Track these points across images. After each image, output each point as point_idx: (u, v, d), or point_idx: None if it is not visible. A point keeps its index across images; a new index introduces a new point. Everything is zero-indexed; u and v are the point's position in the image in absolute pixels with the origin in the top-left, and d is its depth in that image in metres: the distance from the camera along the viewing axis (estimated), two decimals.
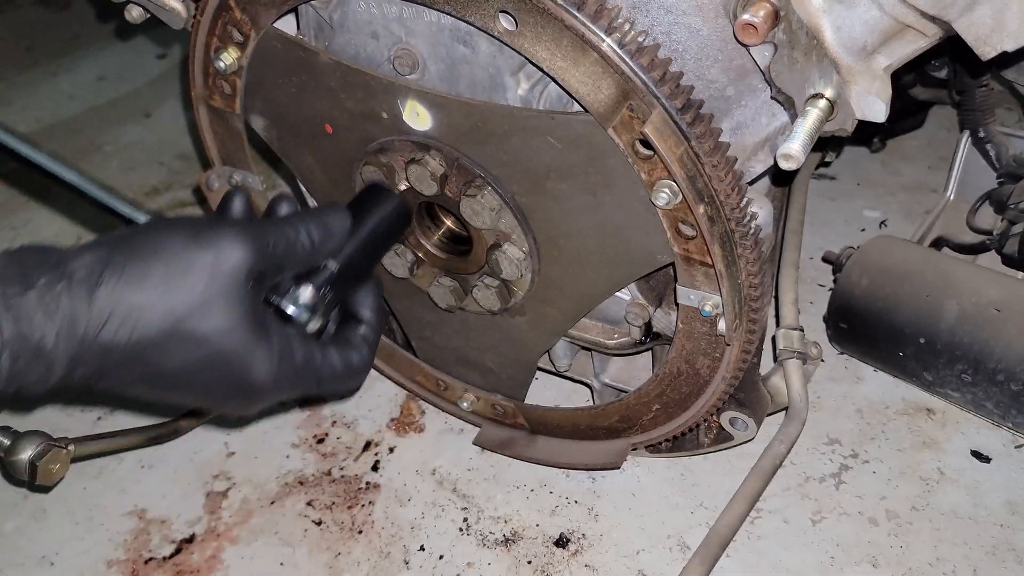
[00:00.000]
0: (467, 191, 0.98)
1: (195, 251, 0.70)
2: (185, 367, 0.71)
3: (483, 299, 1.08)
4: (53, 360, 0.64)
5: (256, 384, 0.75)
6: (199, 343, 0.70)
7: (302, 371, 0.79)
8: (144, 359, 0.69)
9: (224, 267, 0.71)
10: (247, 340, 0.73)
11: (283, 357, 0.76)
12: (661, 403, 1.11)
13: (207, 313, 0.70)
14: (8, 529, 1.32)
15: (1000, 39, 0.81)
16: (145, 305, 0.67)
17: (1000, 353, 1.16)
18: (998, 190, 1.45)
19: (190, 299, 0.69)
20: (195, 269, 0.70)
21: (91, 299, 0.65)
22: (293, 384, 0.78)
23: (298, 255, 0.80)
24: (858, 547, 1.20)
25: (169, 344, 0.69)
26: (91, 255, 0.68)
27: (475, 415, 1.34)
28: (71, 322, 0.65)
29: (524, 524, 1.27)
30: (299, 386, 0.79)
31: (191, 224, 0.73)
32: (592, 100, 0.83)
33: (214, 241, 0.71)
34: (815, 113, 0.83)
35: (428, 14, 0.91)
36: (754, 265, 0.89)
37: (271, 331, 0.75)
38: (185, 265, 0.69)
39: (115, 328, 0.66)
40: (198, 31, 1.03)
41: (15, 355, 0.63)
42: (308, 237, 0.80)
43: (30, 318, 0.63)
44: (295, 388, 0.79)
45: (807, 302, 1.57)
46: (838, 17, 0.81)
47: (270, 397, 0.78)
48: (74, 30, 2.69)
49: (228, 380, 0.74)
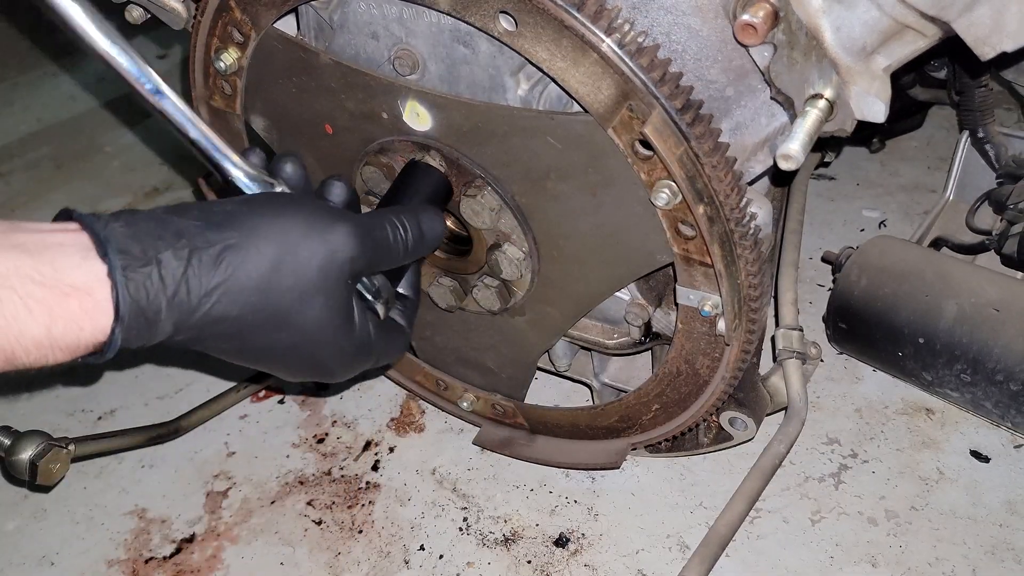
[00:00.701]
0: (467, 191, 0.98)
1: (309, 240, 0.72)
2: (276, 347, 0.74)
3: (483, 299, 1.09)
4: (160, 329, 0.66)
5: (335, 366, 0.80)
6: (293, 330, 0.73)
7: (371, 353, 0.82)
8: (241, 335, 0.71)
9: (334, 262, 0.73)
10: (339, 331, 0.76)
11: (362, 345, 0.80)
12: (661, 403, 1.11)
13: (309, 304, 0.73)
14: (8, 529, 1.32)
15: (999, 39, 0.81)
16: (253, 288, 0.69)
17: (999, 353, 1.16)
18: (997, 190, 1.45)
19: (297, 287, 0.71)
20: (307, 259, 0.72)
21: (208, 277, 0.67)
22: (362, 364, 0.83)
23: (393, 257, 0.82)
24: (857, 547, 1.20)
25: (266, 326, 0.72)
26: (212, 234, 0.68)
27: (475, 415, 1.34)
28: (186, 295, 0.66)
29: (524, 524, 1.27)
30: (361, 365, 0.83)
31: (306, 209, 0.74)
32: (592, 100, 0.83)
33: (327, 233, 0.73)
34: (814, 113, 0.83)
35: (428, 15, 0.91)
36: (753, 265, 0.89)
37: (355, 321, 0.79)
38: (298, 254, 0.71)
39: (224, 305, 0.69)
40: (198, 31, 1.03)
41: (129, 327, 0.64)
42: (404, 242, 0.83)
43: (148, 292, 0.64)
44: (357, 367, 0.83)
45: (806, 302, 1.57)
46: (837, 18, 0.81)
47: (337, 376, 0.82)
48: None
49: (311, 361, 0.77)
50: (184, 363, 1.57)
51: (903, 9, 0.80)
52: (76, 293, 0.62)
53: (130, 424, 1.38)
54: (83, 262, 0.63)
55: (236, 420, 1.47)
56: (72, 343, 0.63)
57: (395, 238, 0.81)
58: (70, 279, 0.62)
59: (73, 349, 0.63)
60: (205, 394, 1.47)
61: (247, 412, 1.48)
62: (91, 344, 0.64)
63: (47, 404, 1.52)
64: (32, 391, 1.54)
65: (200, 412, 1.43)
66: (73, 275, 0.62)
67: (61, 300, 0.61)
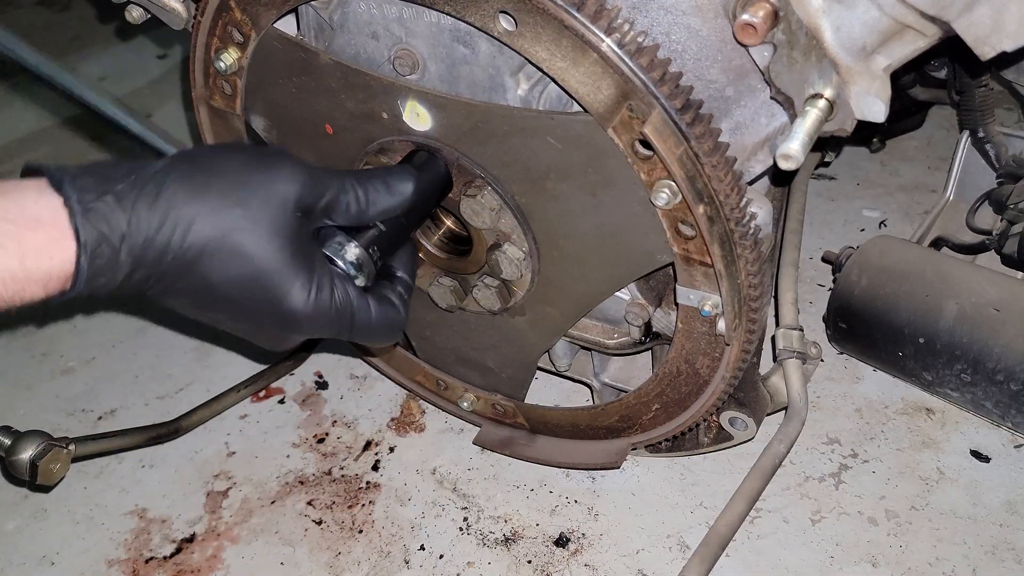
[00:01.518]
0: (467, 191, 0.98)
1: (252, 172, 0.76)
2: (228, 280, 0.75)
3: (483, 299, 1.09)
4: (119, 260, 0.70)
5: (292, 309, 0.79)
6: (243, 258, 0.75)
7: (339, 309, 0.82)
8: (192, 267, 0.74)
9: (276, 190, 0.76)
10: (288, 263, 0.77)
11: (320, 289, 0.80)
12: (661, 403, 1.11)
13: (254, 230, 0.75)
14: (9, 529, 1.33)
15: (999, 39, 0.81)
16: (199, 214, 0.73)
17: (999, 353, 1.16)
18: (997, 190, 1.45)
19: (240, 215, 0.74)
20: (249, 188, 0.75)
21: (154, 204, 0.71)
22: (328, 319, 0.82)
23: (348, 208, 0.84)
24: (857, 547, 1.20)
25: (216, 254, 0.74)
26: (160, 166, 0.73)
27: (475, 415, 1.34)
28: (136, 224, 0.70)
29: (524, 523, 1.27)
30: (334, 323, 0.83)
31: (253, 150, 0.79)
32: (592, 100, 0.83)
33: (272, 167, 0.77)
34: (814, 113, 0.83)
35: (428, 15, 0.91)
36: (753, 265, 0.89)
37: (314, 263, 0.80)
38: (241, 183, 0.75)
39: (170, 231, 0.72)
40: (198, 32, 1.03)
41: (93, 255, 0.68)
42: (361, 196, 0.85)
43: (107, 221, 0.69)
44: (329, 324, 0.83)
45: (807, 302, 1.57)
46: (837, 17, 0.81)
47: (305, 327, 0.82)
48: (75, 31, 2.69)
49: (266, 299, 0.78)
50: (184, 363, 1.57)
51: (903, 9, 0.80)
52: (42, 225, 0.67)
53: (130, 424, 1.38)
54: (40, 198, 0.68)
55: (236, 420, 1.47)
56: (44, 274, 0.67)
57: (350, 185, 0.84)
58: (34, 213, 0.67)
59: (45, 281, 0.67)
60: (205, 394, 1.47)
61: (247, 412, 1.48)
62: (61, 275, 0.68)
63: (47, 404, 1.52)
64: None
65: (200, 412, 1.43)
66: (35, 210, 0.67)
67: (29, 232, 0.66)
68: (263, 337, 0.84)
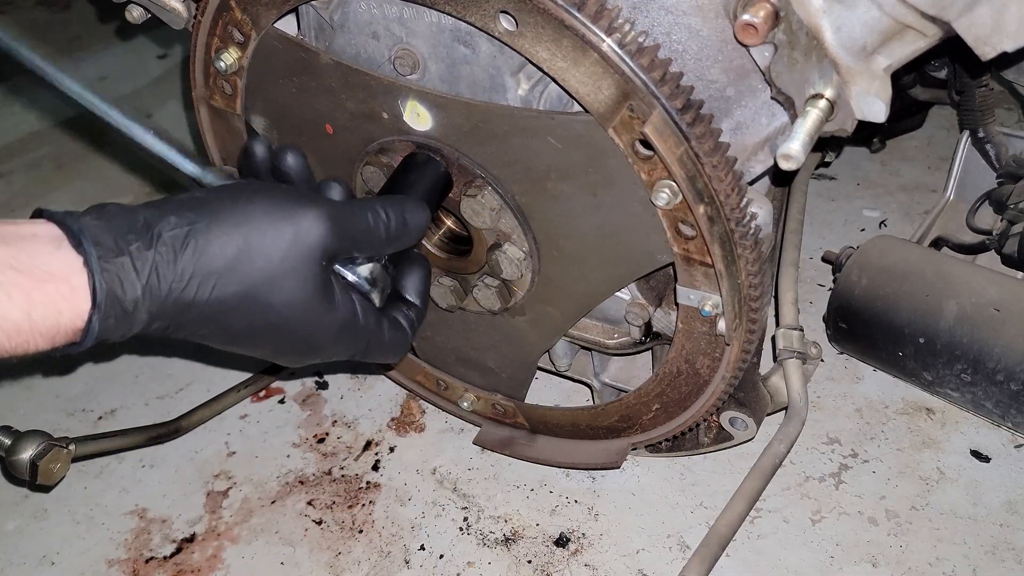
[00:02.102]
0: (467, 191, 0.98)
1: (277, 223, 0.74)
2: (254, 329, 0.75)
3: (483, 299, 1.09)
4: (136, 318, 0.69)
5: (320, 344, 0.80)
6: (268, 310, 0.74)
7: (359, 335, 0.83)
8: (217, 319, 0.73)
9: (302, 243, 0.74)
10: (313, 311, 0.77)
11: (344, 325, 0.80)
12: (661, 403, 1.11)
13: (280, 285, 0.74)
14: (9, 528, 1.33)
15: (1000, 39, 0.81)
16: (224, 270, 0.71)
17: (999, 353, 1.16)
18: (998, 190, 1.45)
19: (266, 269, 0.73)
20: (274, 241, 0.73)
21: (176, 262, 0.69)
22: (347, 345, 0.83)
23: (372, 243, 0.83)
24: (858, 546, 1.20)
25: (240, 307, 0.73)
26: (177, 219, 0.71)
27: (475, 415, 1.34)
28: (156, 282, 0.69)
29: (524, 523, 1.27)
30: (352, 348, 0.83)
31: (274, 194, 0.76)
32: (592, 100, 0.83)
33: (296, 216, 0.75)
34: (815, 113, 0.83)
35: (429, 14, 0.91)
36: (754, 265, 0.89)
37: (336, 301, 0.79)
38: (265, 236, 0.73)
39: (195, 289, 0.70)
40: (199, 31, 1.03)
41: (106, 315, 0.66)
42: (386, 229, 0.83)
43: (122, 281, 0.67)
44: (348, 349, 0.83)
45: (807, 302, 1.57)
46: (838, 18, 0.81)
47: (327, 353, 0.82)
48: (75, 31, 2.69)
49: (294, 340, 0.78)
50: (184, 363, 1.57)
51: (903, 9, 0.80)
52: (53, 279, 0.64)
53: (130, 424, 1.38)
54: (57, 252, 0.66)
55: (236, 420, 1.47)
56: (51, 328, 0.65)
57: (375, 223, 0.82)
58: (47, 266, 0.65)
59: (52, 335, 0.66)
60: (205, 394, 1.47)
61: (247, 412, 1.48)
62: (70, 330, 0.66)
63: (47, 404, 1.52)
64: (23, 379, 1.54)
65: (200, 412, 1.43)
66: (49, 263, 0.65)
67: (39, 285, 0.64)
68: (287, 361, 0.84)
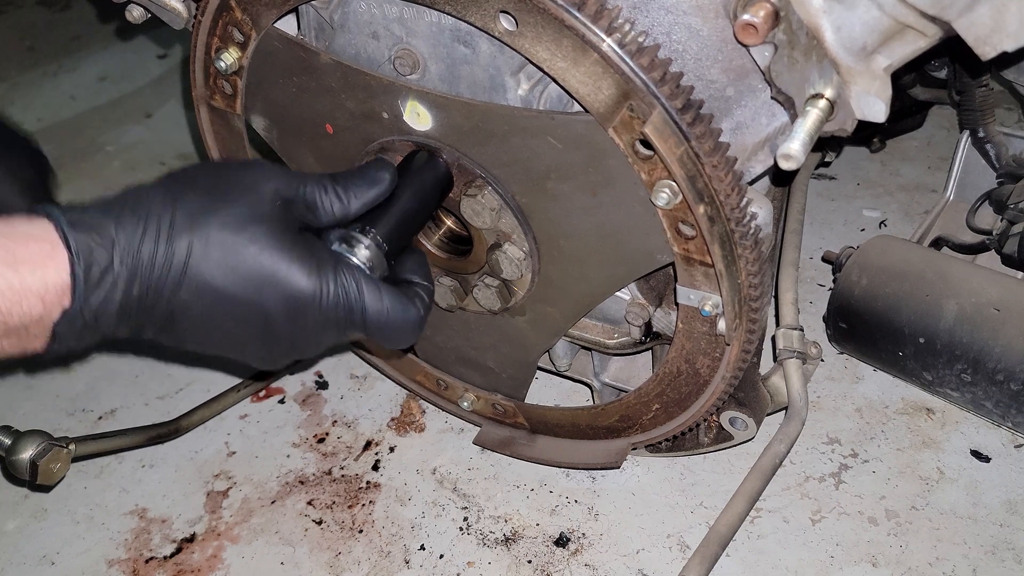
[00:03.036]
0: (467, 191, 0.98)
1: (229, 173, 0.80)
2: (226, 274, 0.75)
3: (483, 299, 1.09)
4: (113, 268, 0.71)
5: (297, 291, 0.78)
6: (235, 246, 0.75)
7: (347, 293, 0.81)
8: (188, 271, 0.74)
9: (254, 185, 0.79)
10: (281, 246, 0.77)
11: (323, 270, 0.79)
12: (661, 403, 1.11)
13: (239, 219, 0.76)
14: (9, 528, 1.33)
15: (1000, 39, 0.81)
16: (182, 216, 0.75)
17: (999, 353, 1.16)
18: (998, 190, 1.45)
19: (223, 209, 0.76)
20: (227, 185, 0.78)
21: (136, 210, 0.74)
22: (337, 306, 0.81)
23: (331, 204, 0.85)
24: (857, 546, 1.20)
25: (207, 251, 0.75)
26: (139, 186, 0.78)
27: (475, 414, 1.34)
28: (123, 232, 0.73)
29: (524, 523, 1.27)
30: (343, 311, 0.81)
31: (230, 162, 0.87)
32: (592, 100, 0.83)
33: (246, 167, 0.82)
34: (815, 113, 0.83)
35: (429, 14, 0.91)
36: (754, 265, 0.89)
37: (313, 249, 0.80)
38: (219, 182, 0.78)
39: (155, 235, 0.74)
40: (199, 31, 1.03)
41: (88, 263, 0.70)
42: (340, 189, 0.86)
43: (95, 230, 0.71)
44: (338, 313, 0.81)
45: (807, 302, 1.57)
46: (838, 18, 0.81)
47: (312, 314, 0.80)
48: (75, 30, 2.69)
49: (269, 285, 0.77)
50: (184, 363, 1.57)
51: (903, 9, 0.80)
52: (34, 239, 0.69)
53: (130, 424, 1.38)
54: (30, 220, 0.70)
55: (236, 420, 1.47)
56: (39, 284, 0.68)
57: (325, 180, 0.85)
58: (25, 230, 0.69)
59: (42, 293, 0.68)
60: (205, 394, 1.47)
61: (247, 412, 1.48)
62: (58, 286, 0.69)
63: (47, 404, 1.52)
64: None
65: (200, 412, 1.43)
66: (26, 228, 0.69)
67: (21, 245, 0.68)
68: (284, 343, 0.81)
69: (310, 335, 0.81)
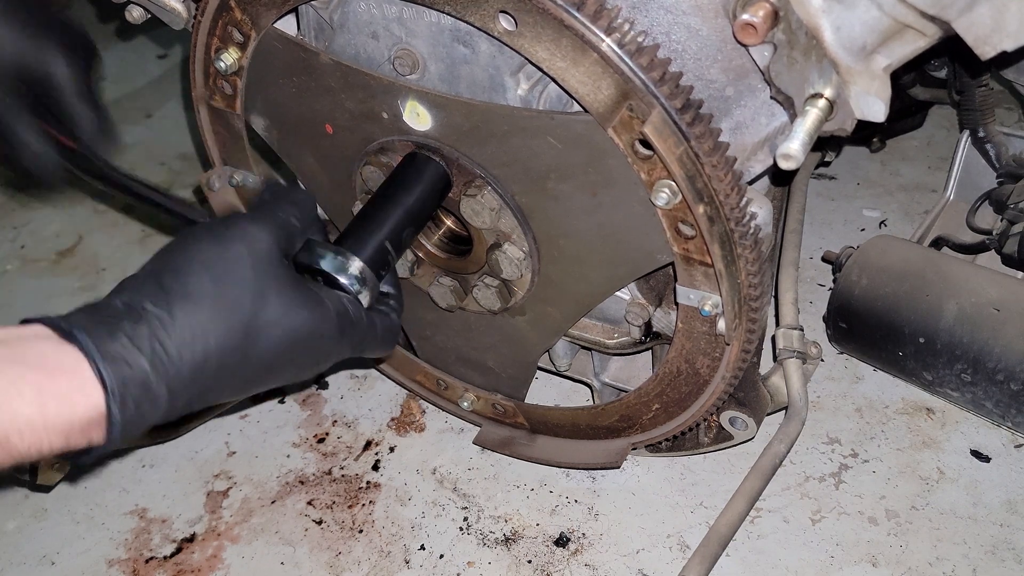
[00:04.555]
0: (467, 191, 0.98)
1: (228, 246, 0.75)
2: (264, 353, 0.75)
3: (483, 299, 1.09)
4: (156, 394, 0.68)
5: (323, 347, 0.81)
6: (268, 326, 0.75)
7: (356, 327, 0.84)
8: (233, 363, 0.73)
9: (259, 251, 0.76)
10: (306, 307, 0.78)
11: (341, 317, 0.82)
12: (661, 402, 1.11)
13: (263, 295, 0.75)
14: (9, 528, 1.33)
15: (1000, 39, 0.81)
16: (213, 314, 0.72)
17: (999, 353, 1.16)
18: (998, 190, 1.45)
19: (245, 293, 0.74)
20: (236, 263, 0.75)
21: (171, 326, 0.70)
22: (349, 340, 0.83)
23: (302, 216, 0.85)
24: (857, 546, 1.20)
25: (248, 339, 0.74)
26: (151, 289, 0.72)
27: (475, 414, 1.34)
28: (161, 351, 0.69)
29: (524, 523, 1.27)
30: (352, 342, 0.84)
31: (214, 229, 0.77)
32: (592, 100, 0.83)
33: (239, 234, 0.77)
34: (814, 113, 0.83)
35: (428, 15, 0.91)
36: (753, 265, 0.89)
37: (322, 297, 0.81)
38: (226, 262, 0.74)
39: (199, 345, 0.71)
40: (199, 31, 1.03)
41: (123, 399, 0.65)
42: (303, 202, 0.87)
43: (127, 361, 0.66)
44: (350, 345, 0.84)
45: (807, 302, 1.57)
46: (837, 17, 0.81)
47: (334, 355, 0.83)
48: None
49: (308, 349, 0.79)
50: None
51: (903, 9, 0.80)
52: (63, 372, 0.63)
53: None
54: (59, 347, 0.65)
55: (236, 420, 1.47)
56: (66, 422, 0.63)
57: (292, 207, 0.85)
58: (53, 361, 0.63)
59: (67, 431, 0.63)
60: None
61: (247, 412, 1.48)
62: (86, 421, 0.64)
63: None
64: None
65: (200, 412, 1.43)
66: (55, 358, 0.63)
67: (49, 379, 0.62)
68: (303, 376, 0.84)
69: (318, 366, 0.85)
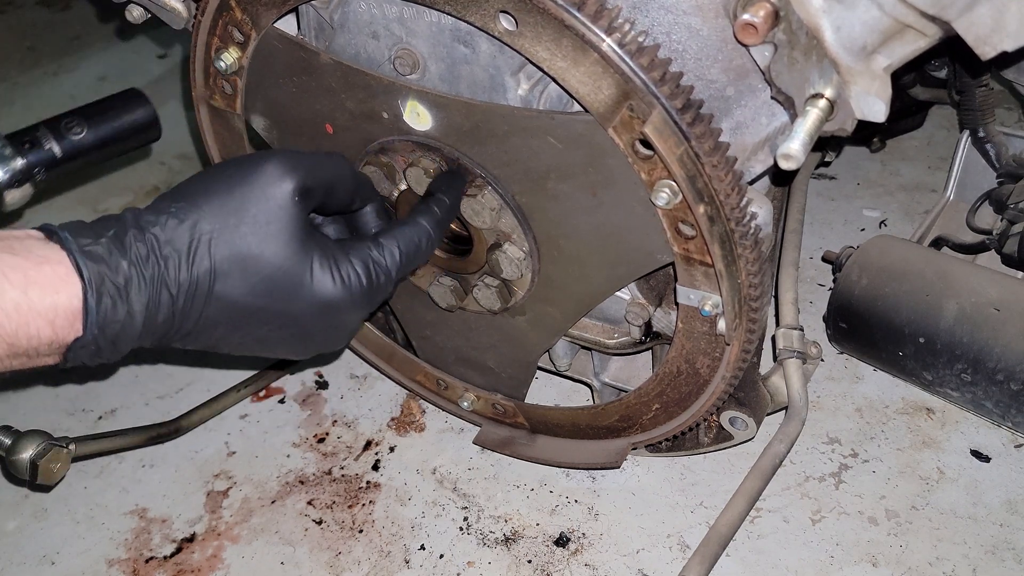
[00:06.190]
0: (467, 191, 0.98)
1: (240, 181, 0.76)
2: (249, 291, 0.75)
3: (483, 299, 1.09)
4: (130, 302, 0.69)
5: (322, 293, 0.78)
6: (254, 264, 0.74)
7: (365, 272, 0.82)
8: (211, 293, 0.73)
9: (268, 190, 0.76)
10: (301, 252, 0.77)
11: (341, 264, 0.80)
12: (661, 402, 1.11)
13: (255, 235, 0.74)
14: (9, 528, 1.33)
15: (1000, 39, 0.81)
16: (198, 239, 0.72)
17: (999, 353, 1.16)
18: (998, 190, 1.45)
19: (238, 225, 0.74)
20: (240, 196, 0.75)
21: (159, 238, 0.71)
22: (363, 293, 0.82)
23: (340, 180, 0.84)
24: (858, 546, 1.20)
25: (229, 271, 0.73)
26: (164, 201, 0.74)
27: (475, 414, 1.34)
28: (143, 258, 0.70)
29: (524, 523, 1.27)
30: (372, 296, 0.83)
31: (237, 159, 0.79)
32: (592, 100, 0.83)
33: (257, 168, 0.77)
34: (815, 113, 0.83)
35: (428, 14, 0.91)
36: (754, 265, 0.89)
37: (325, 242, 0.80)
38: (230, 195, 0.75)
39: (185, 261, 0.72)
40: (199, 31, 1.03)
41: (100, 294, 0.67)
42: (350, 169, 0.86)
43: (108, 262, 0.68)
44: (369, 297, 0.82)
45: (807, 302, 1.57)
46: (838, 17, 0.81)
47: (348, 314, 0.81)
48: (75, 30, 2.69)
49: (294, 293, 0.77)
50: (185, 363, 1.57)
51: (903, 9, 0.80)
52: (47, 262, 0.67)
53: (130, 424, 1.38)
54: (46, 244, 0.69)
55: (236, 420, 1.47)
56: (49, 307, 0.66)
57: (333, 162, 0.84)
58: (39, 255, 0.67)
59: (52, 317, 0.66)
60: (205, 394, 1.47)
61: (247, 412, 1.48)
62: (69, 311, 0.67)
63: (47, 404, 1.52)
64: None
65: (200, 412, 1.43)
66: (41, 252, 0.67)
67: (35, 268, 0.66)
68: (317, 340, 0.83)
69: (343, 328, 0.83)
